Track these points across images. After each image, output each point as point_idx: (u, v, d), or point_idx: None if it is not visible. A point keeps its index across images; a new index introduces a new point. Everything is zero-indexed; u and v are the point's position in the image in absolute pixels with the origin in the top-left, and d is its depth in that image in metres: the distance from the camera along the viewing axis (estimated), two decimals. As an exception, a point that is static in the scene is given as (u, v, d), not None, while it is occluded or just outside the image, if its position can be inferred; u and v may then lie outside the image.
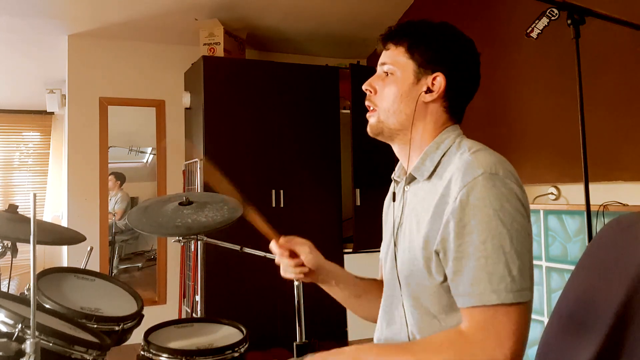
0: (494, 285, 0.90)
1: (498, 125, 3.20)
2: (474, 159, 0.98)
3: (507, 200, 0.94)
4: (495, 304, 0.89)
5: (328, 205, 3.81)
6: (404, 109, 1.09)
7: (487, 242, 0.91)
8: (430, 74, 1.08)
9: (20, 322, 1.26)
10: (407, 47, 1.09)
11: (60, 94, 4.23)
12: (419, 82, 1.08)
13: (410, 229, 1.07)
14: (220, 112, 3.57)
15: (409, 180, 1.12)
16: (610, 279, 1.07)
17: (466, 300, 0.92)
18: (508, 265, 0.90)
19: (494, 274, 0.90)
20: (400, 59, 1.10)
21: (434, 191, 1.03)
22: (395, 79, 1.10)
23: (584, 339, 1.05)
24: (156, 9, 3.56)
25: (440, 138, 1.09)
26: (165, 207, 2.00)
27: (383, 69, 1.12)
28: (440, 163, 1.06)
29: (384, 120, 1.11)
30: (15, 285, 3.54)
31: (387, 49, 1.13)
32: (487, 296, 0.90)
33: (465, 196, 0.94)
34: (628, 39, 2.38)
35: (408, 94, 1.09)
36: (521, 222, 0.95)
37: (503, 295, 0.89)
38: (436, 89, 1.08)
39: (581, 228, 2.38)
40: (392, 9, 3.94)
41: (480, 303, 0.90)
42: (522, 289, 0.91)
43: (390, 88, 1.10)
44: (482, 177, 0.94)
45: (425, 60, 1.08)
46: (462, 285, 0.93)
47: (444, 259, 0.97)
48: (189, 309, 3.66)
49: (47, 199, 4.78)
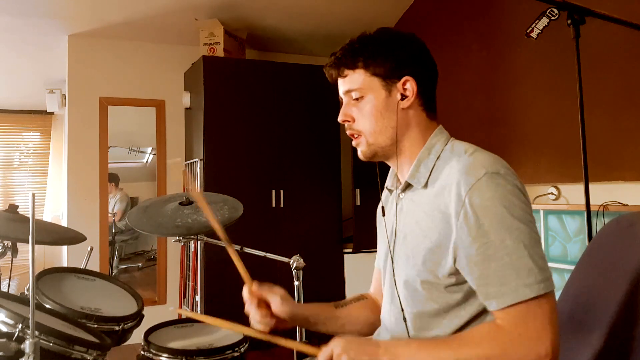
0: (524, 279, 0.90)
1: (498, 125, 3.20)
2: (474, 160, 0.99)
3: (514, 195, 0.95)
4: (530, 297, 0.89)
5: (328, 205, 3.81)
6: (388, 124, 1.08)
7: (506, 239, 0.91)
8: (398, 81, 1.08)
9: (20, 322, 1.26)
10: (365, 67, 1.08)
11: (60, 94, 4.23)
12: (391, 93, 1.08)
13: (412, 235, 1.07)
14: (220, 112, 3.57)
15: (404, 188, 1.12)
16: (611, 278, 1.07)
17: (501, 302, 0.91)
18: (532, 257, 0.91)
19: (522, 269, 0.90)
20: (363, 80, 1.08)
21: (434, 196, 1.02)
22: (368, 100, 1.09)
23: (584, 338, 1.05)
24: (156, 9, 3.56)
25: (430, 143, 1.09)
26: (165, 207, 2.00)
27: (351, 96, 1.11)
28: (435, 167, 1.06)
29: (374, 142, 1.11)
30: (15, 285, 3.53)
31: (344, 75, 1.11)
32: (521, 292, 0.89)
33: (472, 199, 0.94)
34: (628, 39, 2.38)
35: (386, 108, 1.08)
36: (530, 213, 0.96)
37: (535, 288, 0.89)
38: (410, 92, 1.08)
39: (581, 228, 2.38)
40: (392, 8, 3.94)
41: (516, 300, 0.89)
42: (548, 277, 0.91)
43: (367, 110, 1.09)
44: (485, 178, 0.95)
45: (388, 70, 1.07)
46: (491, 287, 0.92)
47: (462, 265, 0.96)
48: (189, 309, 3.66)
49: (47, 199, 4.77)
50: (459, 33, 3.50)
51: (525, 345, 0.88)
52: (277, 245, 3.39)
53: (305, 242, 3.63)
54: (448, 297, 1.01)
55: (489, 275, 0.93)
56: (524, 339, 0.89)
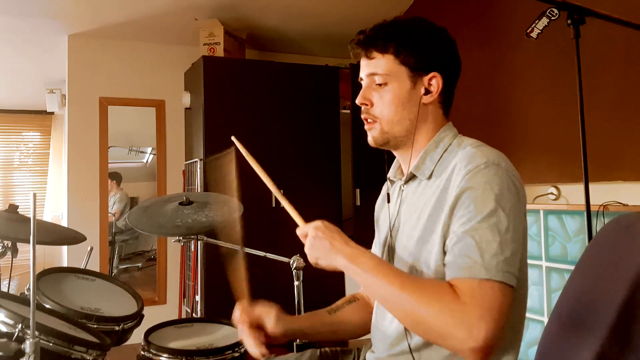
0: (486, 261, 0.89)
1: (498, 125, 3.20)
2: (477, 151, 0.99)
3: (508, 189, 0.95)
4: (484, 278, 0.88)
5: (328, 205, 3.81)
6: (407, 115, 1.07)
7: (483, 222, 0.91)
8: (425, 75, 1.07)
9: (20, 322, 1.26)
10: (395, 53, 1.06)
11: (60, 94, 4.23)
12: (415, 85, 1.07)
13: (410, 225, 1.07)
14: (220, 112, 3.57)
15: (407, 179, 1.12)
16: (610, 278, 1.07)
17: (455, 272, 0.91)
18: (501, 246, 0.90)
19: (487, 251, 0.89)
20: (391, 66, 1.06)
21: (436, 186, 1.03)
22: (391, 87, 1.07)
23: (584, 338, 1.05)
24: (156, 9, 3.56)
25: (439, 137, 1.09)
26: (165, 207, 2.00)
27: (375, 80, 1.08)
28: (441, 160, 1.06)
29: (389, 130, 1.09)
30: (15, 285, 3.53)
31: (371, 57, 1.08)
32: (476, 270, 0.89)
33: (467, 181, 0.95)
34: (628, 39, 2.38)
35: (408, 100, 1.07)
36: (519, 214, 0.95)
37: (493, 272, 0.88)
38: (434, 89, 1.07)
39: (581, 228, 2.37)
40: (392, 9, 3.94)
41: (469, 275, 0.89)
42: (512, 272, 0.90)
43: (388, 98, 1.07)
44: (484, 165, 0.95)
45: (418, 62, 1.06)
46: (453, 257, 0.92)
47: (446, 242, 0.96)
48: (189, 309, 3.66)
49: (47, 199, 4.78)
50: (459, 33, 3.48)
51: (467, 318, 0.84)
52: (277, 245, 3.38)
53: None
54: None
55: (458, 246, 0.92)
56: (467, 311, 0.85)
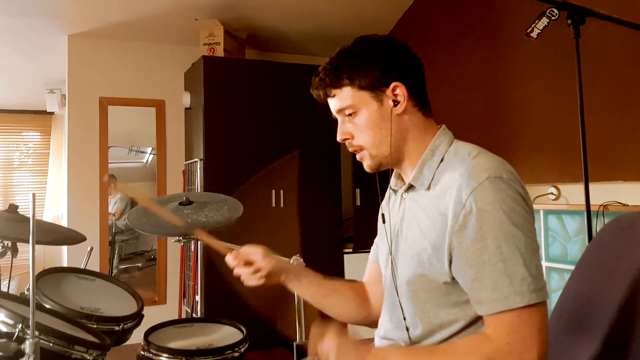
0: (517, 287, 0.89)
1: (498, 125, 3.20)
2: (477, 163, 0.98)
3: (515, 201, 0.94)
4: (521, 306, 0.89)
5: (328, 205, 3.81)
6: (387, 133, 1.07)
7: (502, 245, 0.91)
8: (387, 88, 1.07)
9: (20, 322, 1.26)
10: (350, 82, 1.07)
11: (60, 94, 4.23)
12: (382, 102, 1.07)
13: (413, 235, 1.07)
14: (220, 112, 3.57)
15: (407, 189, 1.12)
16: (611, 278, 1.07)
17: (491, 307, 0.91)
18: (527, 265, 0.90)
19: (515, 276, 0.90)
20: (352, 96, 1.07)
21: (435, 198, 1.02)
22: (362, 114, 1.08)
23: (584, 338, 1.05)
24: (156, 9, 3.56)
25: (434, 144, 1.09)
26: (165, 207, 2.00)
27: (345, 113, 1.10)
28: (438, 169, 1.06)
29: (377, 153, 1.09)
30: (15, 285, 3.53)
31: (332, 95, 1.11)
32: (511, 299, 0.89)
33: (473, 202, 0.94)
34: (628, 39, 2.38)
35: (381, 118, 1.07)
36: (530, 222, 0.95)
37: (527, 297, 0.89)
38: (401, 98, 1.07)
39: (581, 228, 2.38)
40: (392, 9, 3.94)
41: (506, 307, 0.89)
42: (542, 287, 0.91)
43: (363, 124, 1.08)
44: (487, 182, 0.94)
45: (374, 81, 1.06)
46: (484, 292, 0.92)
47: (457, 268, 0.97)
48: (189, 309, 3.66)
49: (47, 199, 4.77)
50: (459, 33, 3.50)
51: (513, 355, 0.88)
52: (277, 245, 3.38)
53: (305, 242, 3.63)
54: (447, 299, 1.00)
55: (482, 279, 0.92)
56: (512, 347, 0.89)
